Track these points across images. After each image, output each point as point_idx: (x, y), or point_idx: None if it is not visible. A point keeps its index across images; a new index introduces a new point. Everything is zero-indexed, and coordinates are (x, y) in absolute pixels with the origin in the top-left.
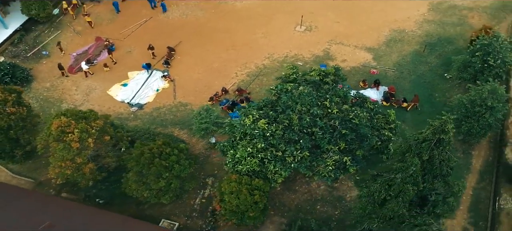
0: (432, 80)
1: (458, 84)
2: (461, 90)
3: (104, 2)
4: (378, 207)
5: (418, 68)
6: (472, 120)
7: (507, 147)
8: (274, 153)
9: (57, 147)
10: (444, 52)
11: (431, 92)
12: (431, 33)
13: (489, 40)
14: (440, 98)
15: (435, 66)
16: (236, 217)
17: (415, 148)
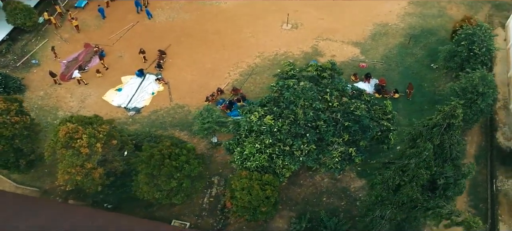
0: (419, 71)
1: (445, 73)
2: (448, 79)
3: (89, 9)
4: (392, 193)
5: (405, 60)
6: (465, 107)
7: (498, 131)
8: (282, 147)
9: (66, 153)
10: (428, 43)
11: (420, 83)
12: (414, 25)
13: (473, 30)
14: (429, 88)
15: (421, 57)
16: (248, 213)
17: (426, 134)
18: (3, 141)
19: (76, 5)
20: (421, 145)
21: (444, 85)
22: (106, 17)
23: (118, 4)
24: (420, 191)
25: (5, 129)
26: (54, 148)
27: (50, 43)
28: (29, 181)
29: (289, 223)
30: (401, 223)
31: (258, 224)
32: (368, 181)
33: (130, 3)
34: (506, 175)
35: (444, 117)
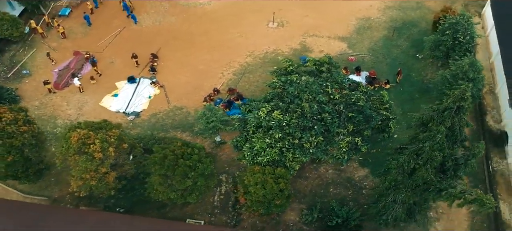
0: (406, 61)
1: (430, 62)
2: (434, 68)
3: (73, 17)
4: (407, 176)
5: (391, 52)
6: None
7: (487, 115)
8: (291, 141)
9: (79, 159)
10: (410, 34)
11: (408, 73)
12: (395, 18)
13: (457, 19)
14: (417, 77)
15: (406, 48)
16: (263, 207)
17: (437, 117)
18: (13, 151)
19: (60, 13)
20: (434, 128)
21: (431, 74)
22: (92, 24)
23: (102, 11)
24: (434, 173)
25: (14, 139)
26: (66, 155)
27: (39, 53)
28: (37, 191)
29: (301, 215)
30: (412, 206)
31: (271, 218)
32: (371, 170)
33: (114, 10)
34: (500, 156)
35: (455, 100)
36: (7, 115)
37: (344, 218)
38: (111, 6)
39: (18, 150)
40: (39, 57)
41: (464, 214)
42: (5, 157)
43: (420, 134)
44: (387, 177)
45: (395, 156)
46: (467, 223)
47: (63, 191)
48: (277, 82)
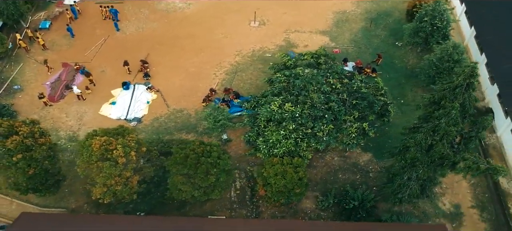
0: (387, 50)
1: (409, 49)
2: (414, 55)
3: (53, 29)
4: (425, 153)
5: (372, 42)
6: (444, 75)
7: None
8: (304, 131)
9: (103, 166)
10: (387, 24)
11: (391, 60)
12: (369, 10)
13: (433, 6)
14: (400, 64)
15: (385, 38)
16: (283, 197)
17: (449, 95)
18: (33, 163)
19: (40, 26)
20: (449, 105)
21: (412, 60)
22: (75, 35)
23: (82, 21)
24: (449, 147)
25: (33, 152)
26: (88, 162)
27: (27, 67)
28: (53, 203)
29: (316, 202)
30: (424, 182)
31: (289, 208)
32: (374, 154)
33: (93, 19)
34: (489, 131)
35: (465, 77)
36: (23, 128)
37: (359, 200)
38: (90, 15)
39: (38, 163)
40: (27, 71)
41: (466, 187)
42: (26, 170)
43: (434, 112)
44: (404, 155)
45: (411, 135)
46: (470, 195)
47: (79, 201)
48: (281, 77)
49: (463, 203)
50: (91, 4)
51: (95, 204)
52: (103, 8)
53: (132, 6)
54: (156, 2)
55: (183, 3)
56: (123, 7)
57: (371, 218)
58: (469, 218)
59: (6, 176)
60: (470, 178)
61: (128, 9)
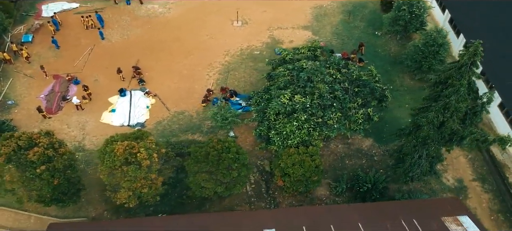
0: (368, 40)
1: (389, 37)
2: (394, 42)
3: (36, 42)
4: (437, 130)
5: (353, 33)
6: (430, 58)
7: None
8: (315, 120)
9: (128, 170)
10: (363, 15)
11: (374, 49)
12: (345, 3)
13: None
14: (383, 52)
15: (364, 28)
16: (302, 185)
17: (456, 74)
18: (57, 174)
19: (23, 40)
20: (457, 83)
21: (394, 47)
22: (60, 47)
23: (65, 32)
24: (458, 123)
25: (56, 162)
26: (112, 168)
27: (17, 82)
28: (72, 214)
29: (330, 188)
30: (432, 159)
31: (305, 196)
32: (375, 139)
33: (76, 30)
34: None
35: (469, 56)
36: (43, 140)
37: (372, 182)
38: (71, 26)
39: (61, 173)
40: (18, 86)
41: (465, 162)
42: (51, 181)
43: (443, 91)
44: (416, 134)
45: (421, 115)
46: (470, 169)
47: (98, 208)
48: (284, 71)
49: (465, 177)
50: (70, 15)
51: (115, 210)
52: (84, 18)
53: (112, 14)
54: (136, 9)
55: (163, 8)
56: (104, 15)
57: (385, 198)
58: (473, 190)
59: (28, 188)
60: (467, 153)
61: (109, 17)
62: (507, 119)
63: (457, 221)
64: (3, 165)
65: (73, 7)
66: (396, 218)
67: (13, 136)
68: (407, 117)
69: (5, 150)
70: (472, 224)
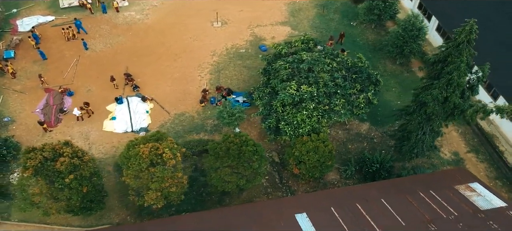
0: (345, 30)
1: (364, 27)
2: (370, 31)
3: (20, 57)
4: (441, 105)
5: (330, 25)
6: (411, 42)
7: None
8: (323, 108)
9: (156, 170)
10: (337, 7)
11: (353, 39)
12: None
13: None
14: (362, 40)
15: (339, 20)
16: (317, 171)
17: (454, 51)
18: (85, 181)
19: (5, 57)
20: (457, 60)
21: (371, 35)
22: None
23: (46, 45)
24: (460, 97)
25: (82, 170)
26: (138, 171)
27: (9, 98)
28: (95, 222)
29: (339, 173)
30: (435, 134)
31: (317, 182)
32: (370, 122)
33: (57, 42)
34: None
35: (466, 34)
36: (67, 149)
37: (379, 162)
38: (52, 39)
39: (88, 180)
40: (10, 102)
41: (457, 137)
42: (79, 189)
43: (444, 68)
44: (421, 111)
45: (425, 93)
46: (463, 142)
47: (120, 214)
48: (284, 64)
49: (459, 150)
50: (48, 28)
51: (137, 214)
52: (65, 30)
53: (91, 24)
54: (113, 17)
55: (140, 15)
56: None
57: (392, 176)
58: (469, 161)
59: (57, 199)
60: (458, 128)
61: (88, 27)
62: (489, 93)
63: (469, 188)
64: (29, 178)
65: (49, 20)
66: (414, 191)
67: (35, 148)
68: (396, 99)
69: (31, 162)
70: (483, 189)
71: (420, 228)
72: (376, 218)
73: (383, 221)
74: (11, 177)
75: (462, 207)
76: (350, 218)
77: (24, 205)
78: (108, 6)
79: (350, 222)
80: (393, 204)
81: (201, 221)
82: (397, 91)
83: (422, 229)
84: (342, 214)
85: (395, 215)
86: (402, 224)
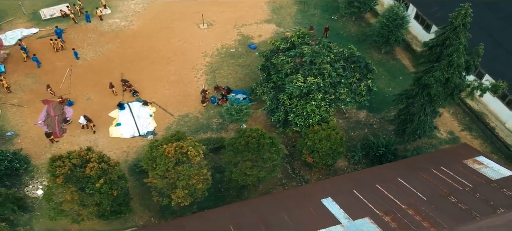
0: (328, 24)
1: (346, 20)
2: (351, 23)
3: (10, 71)
4: (442, 86)
5: (312, 20)
6: (396, 31)
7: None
8: (329, 98)
9: (182, 168)
10: (316, 3)
11: (336, 32)
12: None
13: None
14: (345, 33)
15: (320, 14)
16: (330, 158)
17: (452, 34)
18: (114, 185)
19: None
20: (456, 42)
21: (352, 27)
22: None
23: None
24: (459, 77)
25: (110, 174)
26: (164, 171)
27: (8, 112)
28: (120, 226)
29: (347, 159)
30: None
31: (328, 171)
32: (367, 109)
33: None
34: None
35: (462, 18)
36: (93, 155)
37: (384, 145)
38: (40, 51)
39: (116, 184)
40: (10, 116)
41: (449, 117)
42: (109, 193)
43: (444, 51)
44: (424, 93)
45: (428, 75)
46: (456, 122)
47: (143, 217)
48: (286, 58)
49: (454, 129)
50: (33, 40)
51: (160, 215)
52: (53, 41)
53: (77, 34)
54: (98, 25)
55: (125, 22)
56: (68, 36)
57: (398, 158)
58: (464, 139)
59: (88, 205)
60: (449, 109)
61: (75, 37)
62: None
63: (476, 162)
64: (59, 186)
65: (33, 32)
66: (427, 169)
67: (62, 157)
68: (386, 86)
69: (61, 170)
70: (489, 161)
71: (442, 201)
72: (398, 196)
73: (406, 198)
74: (26, 190)
75: (475, 179)
76: (374, 198)
77: (53, 213)
78: (91, 14)
79: (375, 201)
80: (410, 182)
81: (235, 213)
82: (386, 79)
83: (443, 202)
84: (365, 195)
85: (415, 191)
86: (423, 199)
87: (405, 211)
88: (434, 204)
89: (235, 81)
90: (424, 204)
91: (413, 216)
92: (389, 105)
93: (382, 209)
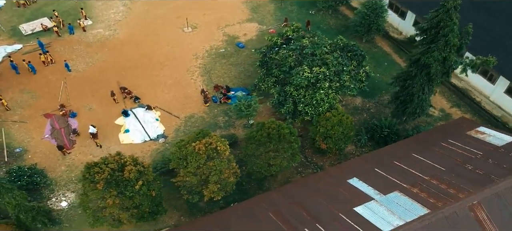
0: (307, 18)
1: (322, 13)
2: (328, 17)
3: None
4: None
5: (291, 16)
6: (378, 20)
7: (391, 32)
8: (335, 85)
9: (214, 164)
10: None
11: (317, 25)
12: None
13: None
14: (325, 26)
15: (298, 10)
16: (342, 142)
17: (445, 16)
18: (151, 186)
19: None
20: (450, 23)
21: (330, 20)
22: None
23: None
24: (455, 55)
25: (146, 175)
26: (196, 167)
27: (11, 130)
28: (152, 228)
29: (354, 143)
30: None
31: (339, 155)
32: (362, 96)
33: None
34: None
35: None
36: (127, 159)
37: (388, 126)
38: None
39: (153, 185)
40: (14, 133)
41: (437, 96)
42: (148, 194)
43: (439, 32)
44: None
45: (426, 56)
46: (445, 100)
47: (173, 217)
48: (288, 53)
49: (444, 107)
50: (19, 56)
51: (190, 213)
52: (42, 55)
53: (62, 46)
54: (83, 36)
55: (109, 31)
56: (54, 49)
57: (401, 138)
58: (455, 114)
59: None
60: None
61: (60, 50)
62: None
63: (479, 132)
64: (100, 192)
65: (17, 48)
66: (435, 143)
67: (97, 163)
68: (375, 72)
69: (100, 176)
70: (490, 130)
71: (460, 170)
72: (418, 169)
73: (426, 170)
74: (49, 203)
75: (483, 147)
76: (396, 173)
77: (93, 220)
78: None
79: (399, 176)
80: (425, 156)
81: (272, 200)
82: (372, 65)
83: (462, 170)
84: (388, 172)
85: (432, 164)
86: (443, 170)
87: (429, 182)
88: (454, 172)
89: (230, 79)
90: (444, 173)
91: (438, 185)
92: (381, 90)
93: (408, 182)
